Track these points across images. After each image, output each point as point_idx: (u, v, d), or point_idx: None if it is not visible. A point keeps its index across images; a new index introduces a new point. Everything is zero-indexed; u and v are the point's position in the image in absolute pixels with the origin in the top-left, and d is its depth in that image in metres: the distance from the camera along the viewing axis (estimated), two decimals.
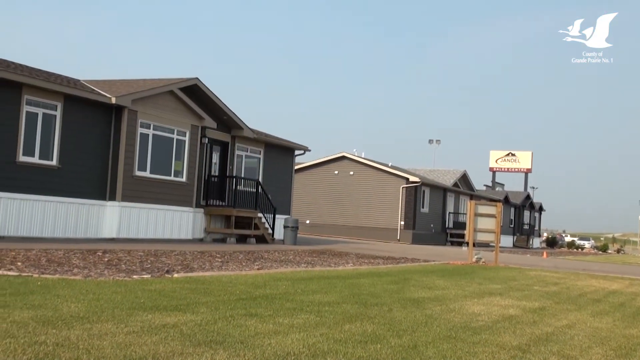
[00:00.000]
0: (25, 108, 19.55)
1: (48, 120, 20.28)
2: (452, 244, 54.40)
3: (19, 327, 6.78)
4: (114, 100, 21.64)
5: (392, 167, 50.98)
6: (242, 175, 28.53)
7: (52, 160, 20.40)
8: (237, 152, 28.58)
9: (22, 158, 19.48)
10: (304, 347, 6.88)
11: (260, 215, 28.06)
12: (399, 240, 47.55)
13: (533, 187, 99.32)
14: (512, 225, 72.51)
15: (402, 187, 48.58)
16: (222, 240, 26.43)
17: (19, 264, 12.36)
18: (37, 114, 19.92)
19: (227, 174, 27.87)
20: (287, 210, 31.77)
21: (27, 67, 21.27)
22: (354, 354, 6.70)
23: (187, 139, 24.89)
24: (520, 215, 75.53)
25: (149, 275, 12.30)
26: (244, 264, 16.50)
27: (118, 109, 22.24)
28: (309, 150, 33.52)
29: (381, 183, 49.25)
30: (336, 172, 50.21)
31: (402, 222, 48.37)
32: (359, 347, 7.04)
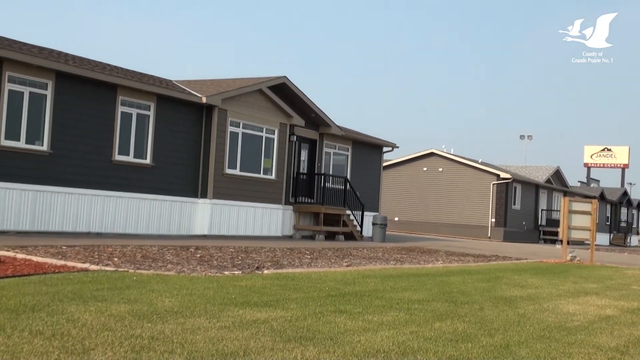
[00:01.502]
0: (120, 108, 20.16)
1: (142, 120, 20.86)
2: (545, 241, 53.12)
3: (116, 320, 6.98)
4: (204, 100, 22.06)
5: (482, 163, 50.17)
6: (330, 173, 28.63)
7: (146, 159, 20.97)
8: (325, 150, 28.69)
9: (118, 157, 20.10)
10: (394, 344, 6.83)
11: (348, 212, 28.09)
12: (489, 237, 46.76)
13: (630, 184, 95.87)
14: (609, 223, 70.27)
15: (493, 184, 47.75)
16: (311, 237, 26.58)
17: (116, 259, 12.74)
18: (131, 114, 20.52)
19: (316, 172, 28.00)
20: (375, 208, 31.69)
21: (121, 68, 21.93)
22: (445, 353, 6.61)
23: (275, 137, 25.14)
24: (617, 212, 73.10)
25: (240, 272, 12.47)
26: (332, 260, 16.54)
27: (208, 108, 22.66)
28: (397, 147, 33.34)
29: (471, 180, 48.55)
30: (425, 168, 49.78)
31: (493, 220, 47.56)
32: (450, 346, 6.94)
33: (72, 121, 18.81)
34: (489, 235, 47.06)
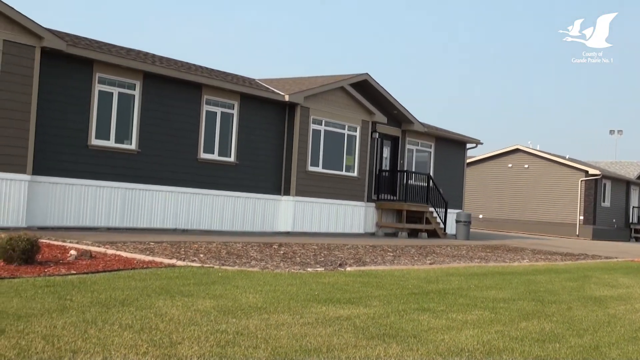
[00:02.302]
0: (205, 107, 20.54)
1: (226, 119, 21.19)
2: (637, 240, 51.38)
3: (202, 315, 7.11)
4: (287, 98, 22.25)
5: (569, 159, 48.90)
6: (413, 170, 28.44)
7: (230, 157, 21.29)
8: (407, 147, 28.51)
9: (203, 155, 20.48)
10: (479, 343, 6.73)
11: (431, 209, 27.85)
12: (577, 235, 45.56)
13: None
14: None
15: (581, 181, 46.48)
16: (394, 235, 26.47)
17: (201, 255, 12.99)
18: (215, 112, 20.87)
19: (398, 169, 27.87)
20: (459, 205, 31.32)
21: (206, 68, 22.32)
22: (531, 353, 6.47)
23: (357, 134, 25.14)
24: None
25: (323, 269, 12.52)
26: (415, 258, 16.44)
27: (291, 106, 22.84)
28: (481, 144, 32.85)
29: (558, 176, 47.38)
30: (510, 165, 48.86)
31: (581, 217, 46.30)
32: (536, 346, 6.79)
33: (158, 120, 19.27)
34: (577, 233, 45.85)
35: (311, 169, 23.39)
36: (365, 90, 25.61)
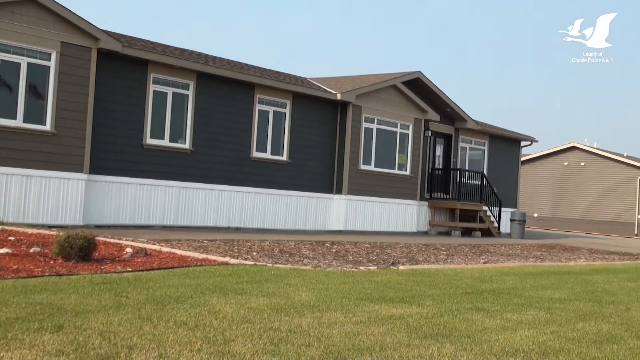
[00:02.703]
0: (258, 107, 20.66)
1: (278, 118, 21.29)
2: None
3: (255, 313, 7.15)
4: (339, 97, 22.25)
5: (627, 157, 47.84)
6: (466, 168, 28.18)
7: (282, 155, 21.39)
8: (460, 145, 28.25)
9: (256, 154, 20.61)
10: (534, 344, 6.63)
11: (485, 208, 27.54)
12: (636, 235, 44.56)
13: None
14: None
15: (639, 179, 45.45)
16: (447, 234, 26.27)
17: (254, 253, 13.07)
18: (268, 112, 20.98)
19: (451, 167, 27.64)
20: (513, 203, 30.91)
21: (258, 67, 22.46)
22: (588, 354, 6.35)
23: (410, 132, 25.01)
24: None
25: (375, 267, 12.49)
26: (469, 257, 16.28)
27: (343, 105, 22.83)
28: (536, 141, 32.35)
29: (615, 174, 46.40)
30: (566, 163, 48.04)
31: (639, 216, 45.26)
32: (594, 347, 6.66)
33: (211, 120, 19.46)
34: (635, 232, 44.83)
35: (363, 167, 23.35)
36: (418, 88, 25.45)
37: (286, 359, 5.54)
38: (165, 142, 18.52)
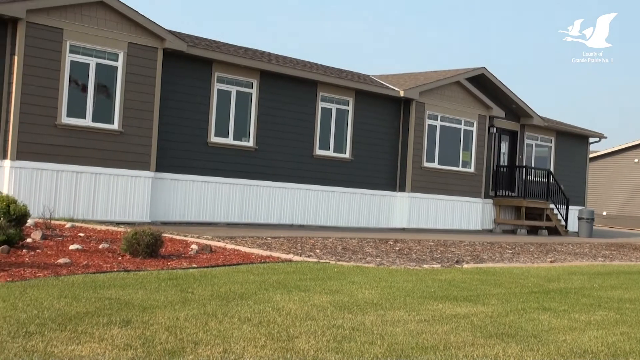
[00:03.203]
0: (320, 104, 20.71)
1: (341, 115, 21.30)
2: None
3: (318, 310, 7.18)
4: (402, 94, 22.14)
5: None
6: (532, 165, 27.71)
7: (345, 153, 21.39)
8: (526, 141, 27.79)
9: (318, 152, 20.66)
10: (603, 345, 6.48)
11: (551, 206, 27.03)
12: None
13: None
14: None
15: None
16: (512, 232, 25.89)
17: (318, 251, 13.11)
18: (330, 109, 21.02)
19: (517, 164, 27.23)
20: (581, 201, 30.26)
21: (320, 65, 22.50)
22: None
23: (474, 129, 24.72)
24: None
25: (439, 265, 12.40)
26: (535, 256, 16.00)
27: (406, 102, 22.71)
28: (605, 137, 31.58)
29: None
30: (636, 160, 46.81)
31: None
32: None
33: (275, 118, 19.59)
34: None
35: (427, 164, 23.18)
36: (482, 84, 25.14)
37: (349, 356, 5.53)
38: (230, 140, 18.72)
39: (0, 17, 14.55)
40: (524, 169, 26.59)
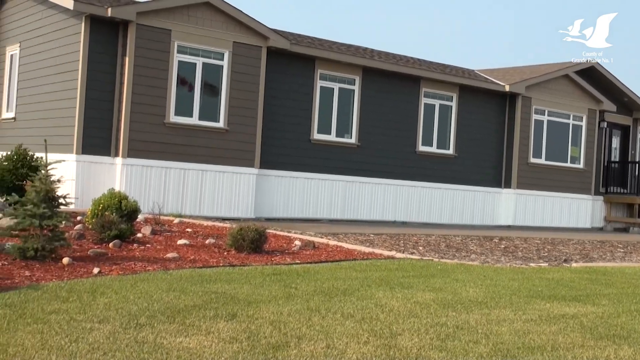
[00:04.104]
0: (424, 100, 20.52)
1: (444, 111, 21.04)
2: None
3: (421, 307, 7.11)
4: (507, 88, 21.67)
5: None
6: None
7: (448, 149, 21.12)
8: (639, 136, 26.70)
9: (421, 148, 20.49)
10: None
11: None
12: None
13: None
14: None
15: None
16: (624, 230, 24.93)
17: (421, 248, 13.01)
18: (434, 105, 20.79)
19: (629, 160, 26.20)
20: None
21: (423, 61, 22.29)
22: None
23: (583, 123, 23.94)
24: None
25: (546, 264, 12.07)
26: None
27: (511, 97, 22.21)
28: None
29: None
30: None
31: None
32: None
33: (377, 114, 19.54)
34: None
35: (533, 160, 22.61)
36: (591, 77, 24.30)
37: (453, 354, 5.46)
38: (332, 137, 18.81)
39: (112, 20, 15.12)
40: (637, 165, 25.57)
